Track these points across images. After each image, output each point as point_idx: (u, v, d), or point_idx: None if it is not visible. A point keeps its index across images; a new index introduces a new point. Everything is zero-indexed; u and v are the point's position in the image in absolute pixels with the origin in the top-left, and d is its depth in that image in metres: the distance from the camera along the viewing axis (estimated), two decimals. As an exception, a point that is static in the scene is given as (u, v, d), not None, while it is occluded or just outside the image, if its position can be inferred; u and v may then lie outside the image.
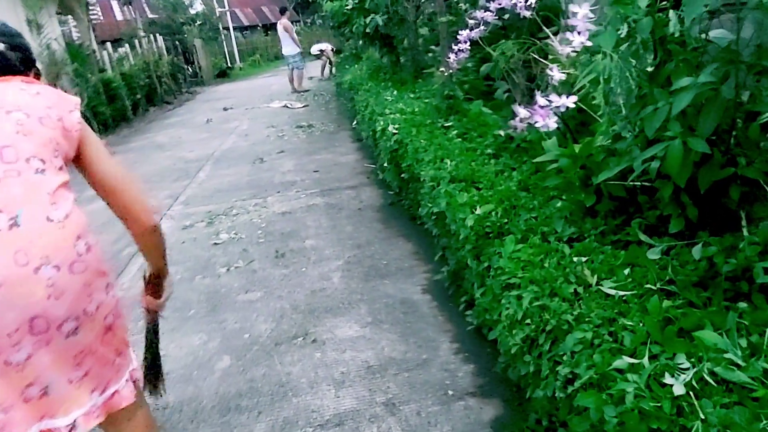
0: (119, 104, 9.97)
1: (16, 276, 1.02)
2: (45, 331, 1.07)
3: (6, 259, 1.01)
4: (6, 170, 1.08)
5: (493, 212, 2.02)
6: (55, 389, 1.12)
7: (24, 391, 1.08)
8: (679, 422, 0.92)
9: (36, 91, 1.24)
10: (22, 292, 1.03)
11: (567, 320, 1.25)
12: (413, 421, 1.92)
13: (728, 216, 1.30)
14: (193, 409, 2.08)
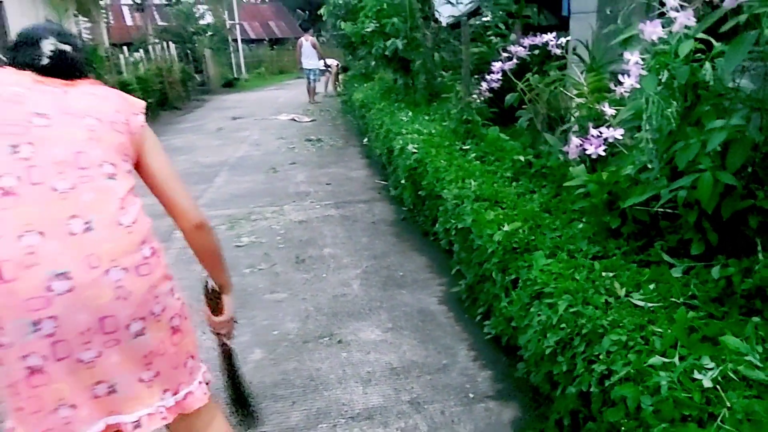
0: (131, 107, 10.11)
1: (88, 278, 1.07)
2: (114, 331, 1.11)
3: (79, 262, 1.07)
4: (80, 176, 1.12)
5: (519, 229, 2.19)
6: (123, 388, 1.16)
7: (92, 388, 1.13)
8: (708, 410, 1.08)
9: (104, 94, 1.27)
10: (93, 293, 1.08)
11: (602, 324, 1.41)
12: (438, 419, 2.06)
13: (745, 242, 1.48)
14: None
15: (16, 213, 1.05)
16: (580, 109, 2.18)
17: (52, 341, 1.05)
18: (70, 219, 1.08)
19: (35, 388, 1.07)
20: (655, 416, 1.13)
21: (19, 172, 1.07)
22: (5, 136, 1.09)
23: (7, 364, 1.06)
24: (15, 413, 1.12)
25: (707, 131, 1.32)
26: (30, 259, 1.03)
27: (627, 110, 1.53)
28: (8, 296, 1.01)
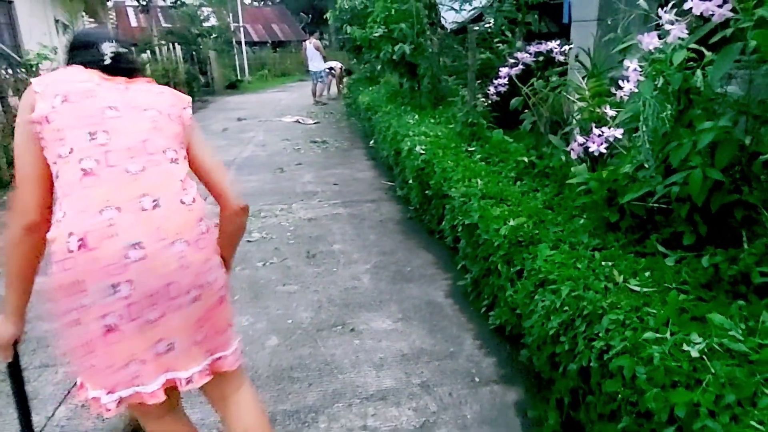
0: (137, 106, 10.26)
1: (158, 249, 1.22)
2: (177, 296, 1.26)
3: (150, 234, 1.22)
4: (148, 160, 1.28)
5: (524, 224, 2.33)
6: (179, 347, 1.30)
7: (155, 345, 1.27)
8: (695, 376, 1.22)
9: (159, 90, 1.42)
10: (161, 262, 1.23)
11: (601, 306, 1.55)
12: (446, 400, 2.20)
13: (732, 233, 1.63)
14: (251, 376, 2.34)
15: (97, 191, 1.21)
16: (582, 112, 2.33)
17: (127, 303, 1.21)
18: (142, 197, 1.23)
19: (110, 345, 1.23)
20: (649, 383, 1.27)
21: (97, 156, 1.23)
22: (84, 126, 1.25)
23: (86, 323, 1.21)
24: (86, 370, 1.28)
25: (698, 132, 1.46)
26: (110, 231, 1.18)
27: (625, 112, 1.68)
28: (92, 262, 1.17)
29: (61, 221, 1.19)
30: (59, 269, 1.18)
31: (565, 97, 2.50)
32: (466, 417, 2.10)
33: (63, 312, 1.22)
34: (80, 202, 1.19)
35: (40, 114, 1.22)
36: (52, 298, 1.23)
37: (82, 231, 1.17)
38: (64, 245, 1.17)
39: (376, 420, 2.09)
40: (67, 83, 1.30)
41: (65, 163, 1.22)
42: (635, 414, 1.34)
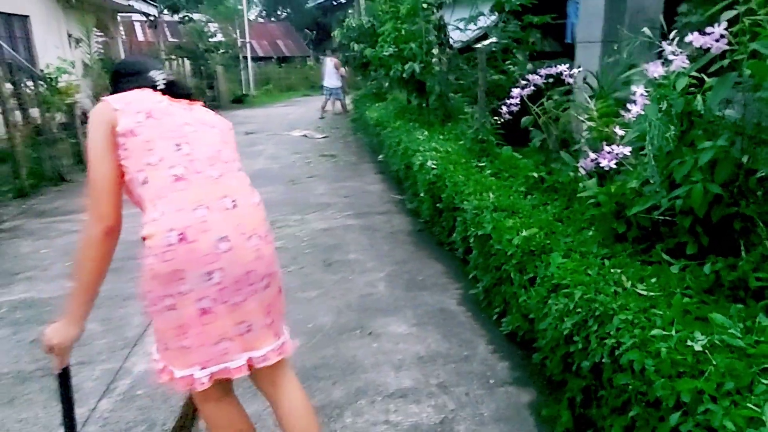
0: (149, 119, 10.49)
1: (240, 242, 1.41)
2: (254, 283, 1.44)
3: (233, 229, 1.41)
4: (224, 167, 1.49)
5: (536, 235, 2.49)
6: (255, 328, 1.48)
7: (238, 326, 1.44)
8: (698, 368, 1.37)
9: (212, 113, 1.64)
10: (243, 253, 1.41)
11: (612, 308, 1.71)
12: (463, 399, 2.34)
13: (731, 243, 1.78)
14: (277, 377, 2.48)
15: (189, 193, 1.40)
16: (592, 131, 2.50)
17: (219, 288, 1.39)
18: (223, 198, 1.43)
19: (205, 325, 1.40)
20: (657, 374, 1.42)
21: (185, 164, 1.43)
22: (169, 138, 1.45)
23: (181, 308, 1.37)
24: (176, 351, 1.42)
25: (699, 151, 1.63)
26: (204, 226, 1.37)
27: (633, 132, 1.85)
28: (191, 253, 1.35)
29: (159, 219, 1.35)
30: (158, 261, 1.34)
31: (574, 116, 2.67)
32: (483, 415, 2.24)
33: (157, 299, 1.38)
34: (176, 202, 1.37)
35: (125, 127, 1.40)
36: (145, 288, 1.39)
37: (182, 226, 1.35)
38: (164, 239, 1.33)
39: (398, 416, 2.23)
40: (146, 102, 1.49)
41: (155, 169, 1.40)
42: (645, 403, 1.48)
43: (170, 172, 1.40)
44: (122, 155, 1.41)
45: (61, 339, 1.44)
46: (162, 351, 1.46)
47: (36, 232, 4.94)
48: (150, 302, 1.40)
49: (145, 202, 1.40)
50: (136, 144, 1.41)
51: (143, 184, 1.40)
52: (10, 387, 2.49)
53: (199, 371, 1.42)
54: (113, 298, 3.40)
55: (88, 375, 2.57)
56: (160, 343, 1.46)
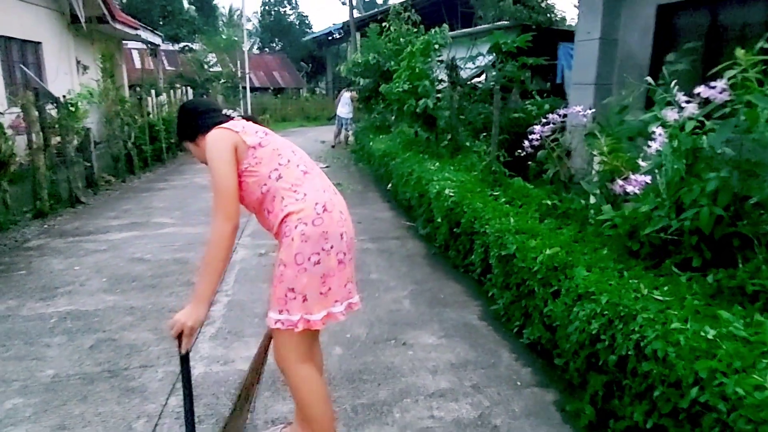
0: (158, 145, 10.79)
1: (346, 215, 1.92)
2: (352, 246, 1.93)
3: (342, 207, 1.91)
4: (318, 168, 2.01)
5: (558, 253, 2.83)
6: (353, 279, 1.96)
7: (352, 274, 1.94)
8: (711, 351, 1.70)
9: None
10: (348, 223, 1.92)
11: (635, 308, 2.04)
12: (495, 398, 2.62)
13: (730, 257, 2.14)
14: (326, 377, 2.74)
15: (315, 181, 1.90)
16: (603, 164, 2.88)
17: (346, 244, 1.86)
18: (329, 186, 1.95)
19: (341, 271, 1.84)
20: (677, 358, 1.74)
21: (302, 163, 1.94)
22: (285, 147, 1.96)
23: (325, 260, 1.79)
24: (315, 299, 1.79)
25: (705, 180, 2.00)
26: (332, 202, 1.86)
27: (649, 165, 2.22)
28: (331, 219, 1.81)
29: (305, 198, 1.81)
30: (310, 226, 1.77)
31: (587, 151, 3.05)
32: (514, 411, 2.52)
33: (307, 257, 1.76)
34: (312, 186, 1.86)
35: (254, 142, 1.87)
36: (294, 251, 1.76)
37: (323, 201, 1.82)
38: (313, 211, 1.79)
39: (440, 411, 2.51)
40: (252, 125, 1.97)
41: (287, 168, 1.87)
42: (666, 384, 1.80)
43: (299, 168, 1.89)
44: (251, 163, 1.85)
45: (193, 320, 1.76)
46: (298, 304, 1.79)
47: (63, 251, 5.14)
48: (298, 263, 1.76)
49: (281, 191, 1.84)
50: (266, 152, 1.87)
51: (278, 179, 1.84)
52: (81, 386, 2.72)
53: (338, 306, 1.85)
54: (159, 311, 3.65)
55: (153, 377, 2.80)
56: (297, 298, 1.79)
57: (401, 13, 10.33)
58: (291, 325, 1.80)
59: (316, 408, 1.93)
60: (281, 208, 1.82)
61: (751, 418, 1.45)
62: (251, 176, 1.85)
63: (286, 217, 1.80)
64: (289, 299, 1.79)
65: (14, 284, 4.20)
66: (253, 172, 1.85)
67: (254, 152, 1.85)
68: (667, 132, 2.10)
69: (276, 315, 1.82)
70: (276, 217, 1.85)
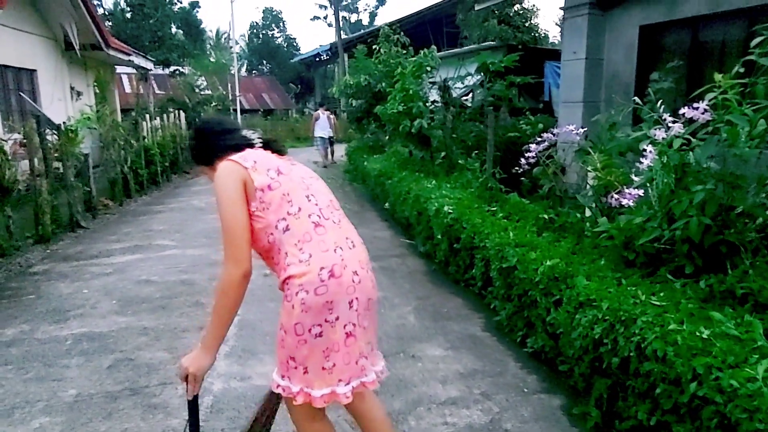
0: (153, 169, 10.89)
1: (363, 275, 1.65)
2: (370, 308, 1.69)
3: (358, 265, 1.65)
4: (339, 214, 1.75)
5: (557, 264, 2.99)
6: (373, 348, 1.73)
7: (367, 345, 1.68)
8: (707, 349, 1.85)
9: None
10: (366, 284, 1.66)
11: (635, 313, 2.19)
12: (504, 404, 2.75)
13: (719, 263, 2.31)
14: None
15: (327, 236, 1.65)
16: (597, 180, 3.06)
17: (357, 314, 1.63)
18: (346, 239, 1.70)
19: (349, 346, 1.62)
20: (676, 356, 1.89)
21: (317, 211, 1.68)
22: (300, 190, 1.70)
23: (329, 333, 1.58)
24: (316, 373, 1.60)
25: (693, 193, 2.18)
26: (343, 263, 1.62)
27: (641, 180, 2.41)
28: (339, 286, 1.59)
29: (309, 260, 1.58)
30: (312, 295, 1.55)
31: (582, 167, 3.24)
32: (523, 415, 2.65)
33: (305, 329, 1.57)
34: (321, 244, 1.61)
35: (262, 183, 1.63)
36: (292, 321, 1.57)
37: (330, 264, 1.58)
38: (316, 277, 1.56)
39: (453, 418, 2.63)
40: (270, 160, 1.71)
41: (296, 218, 1.63)
42: (667, 381, 1.95)
43: (310, 220, 1.64)
44: (258, 207, 1.62)
45: (196, 368, 1.62)
46: (299, 375, 1.62)
47: (69, 275, 5.21)
48: (296, 333, 1.58)
49: (285, 247, 1.62)
50: (275, 197, 1.63)
51: (285, 231, 1.62)
52: (104, 404, 2.80)
53: (343, 387, 1.62)
54: (172, 331, 3.74)
55: (173, 393, 2.89)
56: (298, 368, 1.61)
57: (390, 36, 10.63)
58: (291, 394, 1.64)
59: None
60: (284, 267, 1.62)
61: (746, 407, 1.60)
62: (258, 221, 1.64)
63: (288, 279, 1.60)
64: (291, 367, 1.63)
65: (25, 308, 4.26)
66: (259, 218, 1.63)
67: (262, 195, 1.62)
68: (656, 149, 2.29)
69: (279, 379, 1.67)
70: (280, 274, 1.65)
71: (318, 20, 35.17)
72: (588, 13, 6.29)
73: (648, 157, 2.30)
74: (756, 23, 4.80)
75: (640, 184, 2.48)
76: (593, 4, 6.23)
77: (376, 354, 1.79)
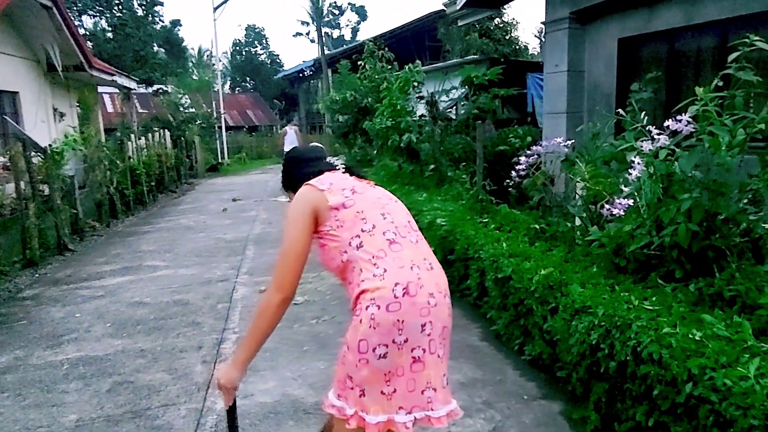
0: (139, 189, 10.84)
1: (440, 298, 1.56)
2: (446, 337, 1.60)
3: (435, 287, 1.56)
4: (417, 234, 1.69)
5: (552, 273, 3.07)
6: (445, 384, 1.59)
7: (441, 378, 1.56)
8: (700, 351, 1.93)
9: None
10: (441, 309, 1.56)
11: (629, 318, 2.27)
12: (506, 412, 2.81)
13: (707, 267, 2.41)
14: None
15: (403, 254, 1.57)
16: (586, 189, 3.17)
17: (429, 339, 1.53)
18: (424, 260, 1.61)
19: (414, 373, 1.51)
20: (671, 358, 1.97)
21: (392, 230, 1.63)
22: (375, 209, 1.67)
23: (394, 356, 1.48)
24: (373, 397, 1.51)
25: (680, 201, 2.28)
26: (419, 282, 1.53)
27: (630, 189, 2.51)
28: (412, 306, 1.50)
29: (384, 275, 1.52)
30: (383, 311, 1.48)
31: (571, 178, 3.34)
32: (525, 423, 2.71)
33: (372, 347, 1.48)
34: (396, 261, 1.55)
35: (337, 202, 1.64)
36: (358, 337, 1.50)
37: (406, 281, 1.51)
38: (390, 292, 1.49)
39: (457, 427, 2.67)
40: (346, 181, 1.75)
41: (370, 235, 1.60)
42: (663, 383, 2.02)
43: (385, 237, 1.60)
44: (332, 226, 1.63)
45: (226, 380, 1.65)
46: (356, 397, 1.53)
47: (60, 299, 5.17)
48: (359, 350, 1.50)
49: (360, 263, 1.57)
50: (348, 215, 1.62)
51: (358, 248, 1.59)
52: (106, 428, 2.79)
53: (403, 415, 1.52)
54: (170, 351, 3.74)
55: (176, 414, 2.90)
56: (354, 389, 1.53)
57: (375, 51, 10.79)
58: (344, 416, 1.55)
59: None
60: (358, 283, 1.56)
61: (740, 405, 1.68)
62: (332, 240, 1.63)
63: (361, 294, 1.53)
64: (347, 387, 1.55)
65: (17, 335, 4.22)
66: (334, 237, 1.63)
67: (336, 214, 1.62)
68: (643, 160, 2.39)
69: (334, 399, 1.59)
70: (352, 291, 1.60)
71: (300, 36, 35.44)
72: (568, 27, 6.48)
73: (636, 168, 2.40)
74: (729, 32, 5.03)
75: (629, 194, 2.58)
76: (573, 18, 6.42)
77: (448, 391, 1.64)
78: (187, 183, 16.02)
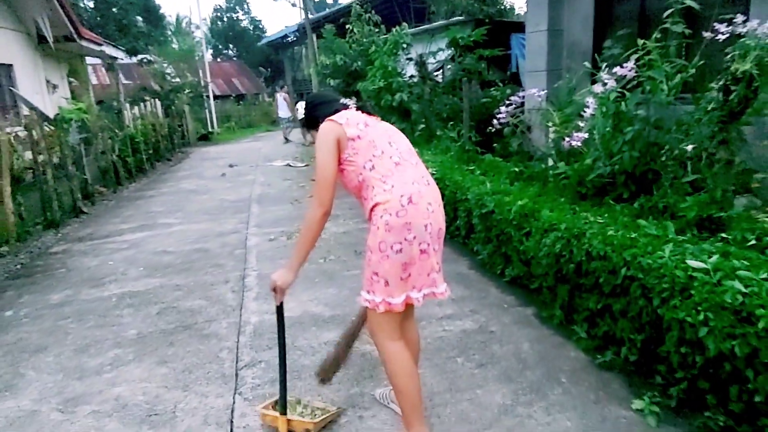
0: (139, 157, 11.22)
1: (436, 207, 2.00)
2: (440, 237, 2.05)
3: (432, 199, 2.00)
4: (416, 158, 2.11)
5: (527, 204, 3.66)
6: (438, 270, 2.07)
7: (437, 264, 2.05)
8: (634, 244, 2.54)
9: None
10: (438, 215, 2.01)
11: (584, 230, 2.87)
12: (489, 315, 3.43)
13: (647, 188, 3.00)
14: (359, 313, 3.49)
15: (406, 173, 2.00)
16: (556, 133, 3.73)
17: (430, 236, 1.98)
18: (422, 177, 2.04)
19: (422, 261, 1.98)
20: (612, 252, 2.58)
21: (397, 154, 2.05)
22: (383, 138, 2.07)
23: (407, 250, 1.92)
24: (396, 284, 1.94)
25: (625, 133, 2.85)
26: (420, 194, 1.96)
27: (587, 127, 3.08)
28: (416, 211, 1.93)
29: (392, 189, 1.93)
30: (394, 217, 1.89)
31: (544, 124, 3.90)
32: (505, 322, 3.34)
33: (390, 245, 1.91)
34: (401, 178, 1.96)
35: (353, 134, 2.01)
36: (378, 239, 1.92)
37: (409, 193, 1.93)
38: (398, 202, 1.90)
39: (450, 327, 3.30)
40: (359, 117, 2.11)
41: (379, 159, 1.99)
42: (607, 272, 2.64)
43: (391, 160, 2.00)
44: (350, 153, 2.00)
45: (282, 281, 2.07)
46: (382, 287, 1.95)
47: (89, 252, 5.69)
48: (380, 250, 1.93)
49: (372, 181, 1.98)
50: (363, 144, 2.01)
51: (371, 170, 1.98)
52: (163, 338, 3.38)
53: (416, 293, 1.99)
54: (202, 286, 4.31)
55: (219, 326, 3.49)
56: (380, 281, 1.95)
57: (362, 15, 11.06)
58: (375, 306, 1.96)
59: (402, 379, 2.04)
60: (371, 197, 1.95)
61: (657, 275, 2.30)
62: (350, 165, 2.00)
63: (375, 206, 1.93)
64: (374, 282, 1.96)
65: (61, 279, 4.76)
66: (351, 162, 1.99)
67: (353, 144, 1.98)
68: (597, 101, 2.95)
69: (365, 294, 2.01)
70: (367, 205, 1.99)
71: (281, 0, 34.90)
72: (548, -12, 6.88)
73: (590, 108, 2.96)
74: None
75: (587, 129, 3.15)
76: (552, -21, 6.82)
77: (441, 276, 2.12)
78: (181, 152, 16.32)
